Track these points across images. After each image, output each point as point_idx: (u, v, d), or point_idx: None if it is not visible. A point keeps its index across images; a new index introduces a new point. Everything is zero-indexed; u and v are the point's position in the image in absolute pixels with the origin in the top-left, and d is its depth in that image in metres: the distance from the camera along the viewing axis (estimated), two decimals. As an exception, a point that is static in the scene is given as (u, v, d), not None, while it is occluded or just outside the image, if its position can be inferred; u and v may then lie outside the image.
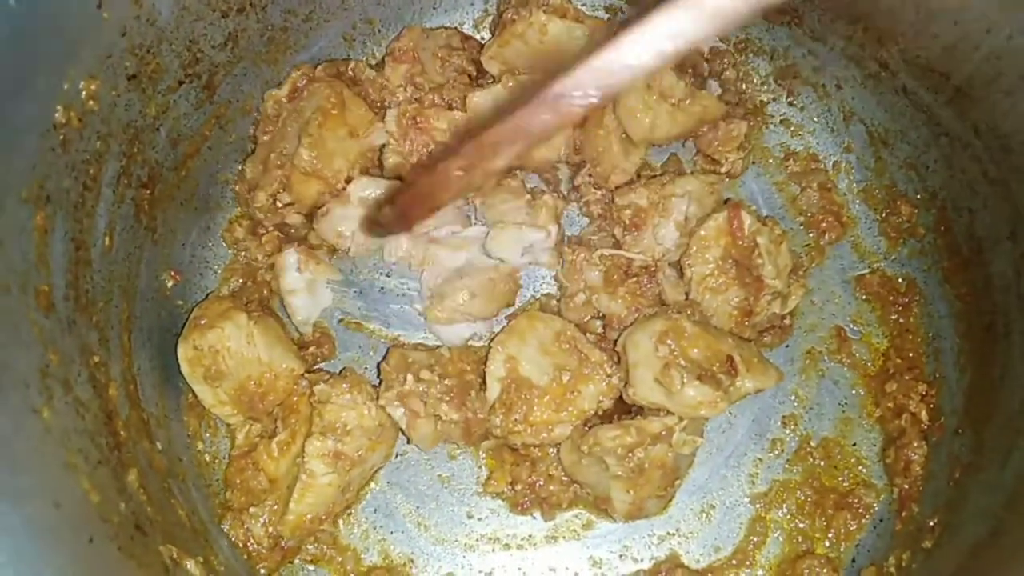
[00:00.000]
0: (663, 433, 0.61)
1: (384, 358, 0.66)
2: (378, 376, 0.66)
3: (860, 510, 0.64)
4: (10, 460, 0.40)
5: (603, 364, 0.64)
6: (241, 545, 0.62)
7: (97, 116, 0.55)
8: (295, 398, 0.65)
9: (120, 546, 0.46)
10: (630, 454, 0.61)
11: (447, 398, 0.63)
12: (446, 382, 0.64)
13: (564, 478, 0.66)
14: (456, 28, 0.75)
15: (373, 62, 0.75)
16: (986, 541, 0.50)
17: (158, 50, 0.59)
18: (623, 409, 0.65)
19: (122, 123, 0.58)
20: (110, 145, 0.57)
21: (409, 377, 0.63)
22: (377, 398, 0.63)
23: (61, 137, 0.52)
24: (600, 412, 0.64)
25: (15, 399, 0.44)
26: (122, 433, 0.54)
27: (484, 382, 0.65)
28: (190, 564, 0.53)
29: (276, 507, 0.62)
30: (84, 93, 0.53)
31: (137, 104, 0.59)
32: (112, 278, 0.58)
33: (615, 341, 0.66)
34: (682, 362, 0.61)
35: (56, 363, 0.49)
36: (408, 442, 0.65)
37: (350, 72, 0.72)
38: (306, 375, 0.65)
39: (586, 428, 0.64)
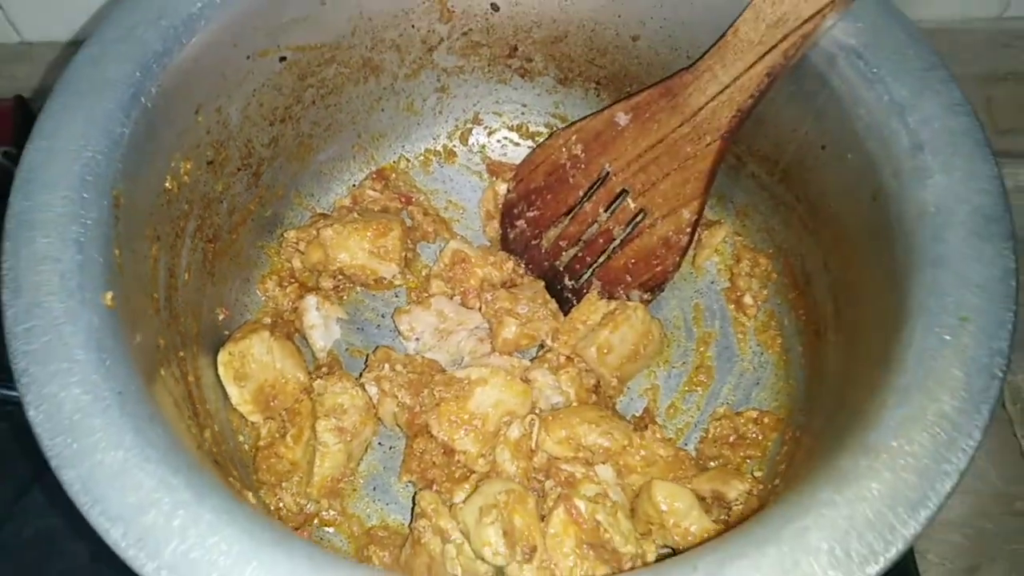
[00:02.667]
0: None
1: (373, 351, 0.88)
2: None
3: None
4: (146, 390, 0.61)
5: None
6: (274, 509, 0.81)
7: (187, 187, 0.78)
8: (298, 404, 0.85)
9: (212, 460, 0.66)
10: None
11: (406, 386, 0.84)
12: (410, 375, 0.84)
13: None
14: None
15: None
16: (802, 461, 0.72)
17: (227, 145, 0.83)
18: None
19: (200, 194, 0.81)
20: (192, 208, 0.80)
21: (386, 366, 0.85)
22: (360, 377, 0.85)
23: (167, 198, 0.75)
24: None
25: (148, 360, 0.65)
26: (198, 406, 0.74)
27: (434, 391, 0.82)
28: (249, 495, 0.72)
29: (301, 479, 0.82)
30: (182, 170, 0.76)
31: (210, 182, 0.82)
32: (188, 303, 0.79)
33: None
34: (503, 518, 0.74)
35: (163, 346, 0.70)
36: (376, 415, 0.84)
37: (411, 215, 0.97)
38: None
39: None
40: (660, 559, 0.77)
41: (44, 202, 0.62)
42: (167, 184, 0.74)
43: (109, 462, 0.54)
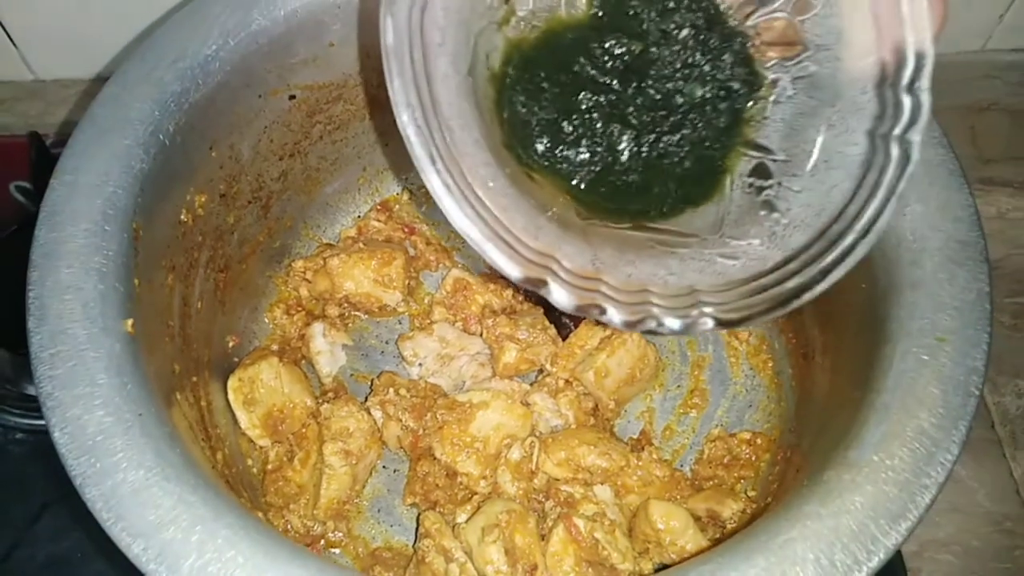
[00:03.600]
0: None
1: (378, 376, 0.91)
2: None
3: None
4: (164, 413, 0.64)
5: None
6: (281, 531, 0.84)
7: (201, 220, 0.81)
8: (305, 429, 0.87)
9: (224, 482, 0.69)
10: None
11: (410, 410, 0.87)
12: (413, 399, 0.88)
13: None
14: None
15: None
16: (792, 479, 0.75)
17: (239, 179, 0.87)
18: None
19: (212, 226, 0.84)
20: (205, 240, 0.83)
21: (391, 390, 0.88)
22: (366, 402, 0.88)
23: (182, 231, 0.78)
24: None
25: (165, 385, 0.68)
26: (209, 430, 0.77)
27: (437, 415, 0.86)
28: (260, 515, 0.75)
29: (308, 502, 0.85)
30: (196, 203, 0.80)
31: (223, 214, 0.85)
32: (200, 331, 0.83)
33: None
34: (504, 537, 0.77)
35: (178, 372, 0.73)
36: (381, 439, 0.87)
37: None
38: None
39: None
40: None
41: (68, 234, 0.65)
42: (182, 217, 0.78)
43: (131, 480, 0.56)
